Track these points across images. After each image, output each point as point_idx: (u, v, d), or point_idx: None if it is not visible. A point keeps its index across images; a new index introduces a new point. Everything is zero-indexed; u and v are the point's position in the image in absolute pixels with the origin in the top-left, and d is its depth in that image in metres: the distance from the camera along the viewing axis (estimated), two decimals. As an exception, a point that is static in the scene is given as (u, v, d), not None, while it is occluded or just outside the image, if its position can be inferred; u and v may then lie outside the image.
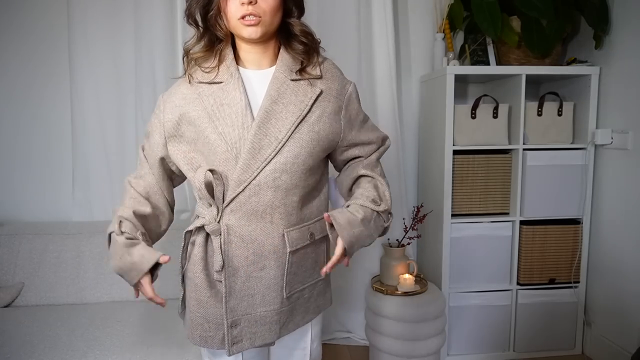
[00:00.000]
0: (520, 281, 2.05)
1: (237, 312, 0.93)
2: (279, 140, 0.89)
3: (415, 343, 1.80)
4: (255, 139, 0.88)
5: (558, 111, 2.02)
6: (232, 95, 0.91)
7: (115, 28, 2.01)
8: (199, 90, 0.93)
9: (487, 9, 1.88)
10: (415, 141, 2.32)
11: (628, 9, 1.86)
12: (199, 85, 0.94)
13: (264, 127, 0.89)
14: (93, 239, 1.90)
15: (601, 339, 2.03)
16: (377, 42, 2.11)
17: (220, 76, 0.93)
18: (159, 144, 0.98)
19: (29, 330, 1.55)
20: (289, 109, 0.90)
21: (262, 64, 0.96)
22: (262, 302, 0.94)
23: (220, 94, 0.92)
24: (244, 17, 0.87)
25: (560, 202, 2.02)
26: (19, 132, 2.09)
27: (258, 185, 0.89)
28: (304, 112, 0.91)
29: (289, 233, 0.93)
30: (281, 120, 0.89)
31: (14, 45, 2.05)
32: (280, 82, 0.92)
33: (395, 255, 1.94)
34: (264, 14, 0.88)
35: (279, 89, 0.91)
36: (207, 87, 0.93)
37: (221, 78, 0.93)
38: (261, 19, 0.88)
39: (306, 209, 0.97)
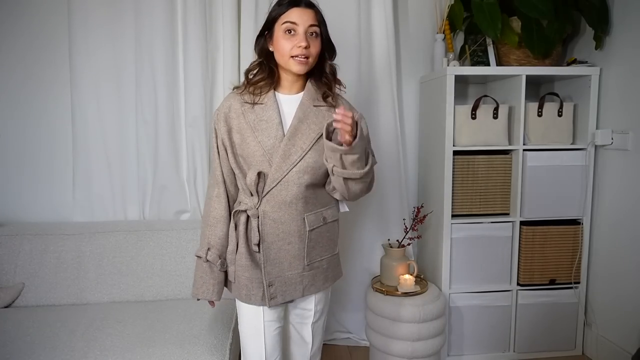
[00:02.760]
0: (520, 282, 2.05)
1: (272, 275, 1.22)
2: (304, 150, 1.19)
3: (416, 343, 1.80)
4: (286, 148, 1.18)
5: (558, 112, 2.02)
6: (269, 114, 1.21)
7: (115, 29, 2.01)
8: (243, 108, 1.23)
9: (487, 10, 1.88)
10: (416, 142, 2.32)
11: (628, 9, 1.86)
12: (244, 104, 1.23)
13: (292, 140, 1.19)
14: (93, 240, 1.90)
15: (601, 340, 2.03)
16: (377, 43, 2.11)
17: (262, 99, 1.23)
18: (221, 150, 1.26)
19: (29, 331, 1.55)
20: (312, 128, 1.21)
21: (292, 90, 1.26)
22: (289, 267, 1.24)
23: (261, 112, 1.22)
24: (296, 56, 1.16)
25: (560, 203, 2.02)
26: (20, 132, 2.09)
27: (287, 182, 1.19)
28: (322, 131, 1.16)
29: (308, 217, 1.23)
30: (305, 135, 1.20)
31: (14, 46, 2.05)
32: (306, 107, 1.23)
33: (395, 256, 1.94)
34: (311, 56, 1.18)
35: (305, 111, 1.22)
36: (251, 106, 1.23)
37: (262, 101, 1.23)
38: (308, 60, 1.18)
39: (320, 198, 1.27)
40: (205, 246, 1.25)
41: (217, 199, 1.26)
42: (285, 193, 1.19)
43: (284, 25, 1.17)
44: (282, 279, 1.24)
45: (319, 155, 1.20)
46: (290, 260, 1.24)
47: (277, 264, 1.23)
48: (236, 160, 1.24)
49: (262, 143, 1.19)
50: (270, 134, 1.19)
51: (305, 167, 1.19)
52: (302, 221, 1.22)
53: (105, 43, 2.02)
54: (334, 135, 1.16)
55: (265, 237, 1.21)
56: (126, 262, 1.87)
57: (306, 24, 1.17)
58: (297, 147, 1.19)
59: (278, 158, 1.18)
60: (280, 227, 1.21)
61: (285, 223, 1.21)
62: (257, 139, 1.20)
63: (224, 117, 1.24)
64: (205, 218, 1.28)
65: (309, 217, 1.23)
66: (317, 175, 1.22)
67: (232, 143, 1.24)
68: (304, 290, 1.27)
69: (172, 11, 2.00)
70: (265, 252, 1.22)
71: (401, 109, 2.24)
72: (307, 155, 1.19)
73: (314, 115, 1.22)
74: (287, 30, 1.17)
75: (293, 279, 1.25)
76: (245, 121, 1.21)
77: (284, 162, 1.18)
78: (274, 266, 1.23)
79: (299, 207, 1.21)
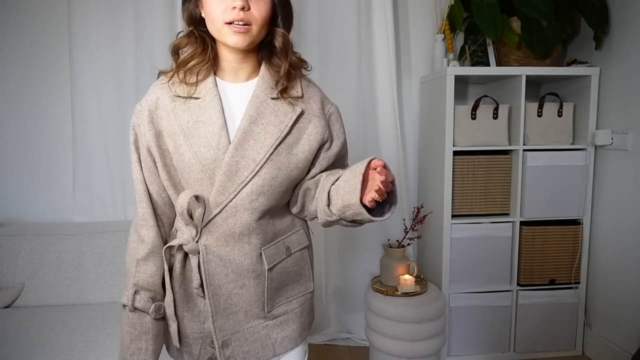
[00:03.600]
0: (520, 282, 2.05)
1: (225, 331, 0.92)
2: (257, 163, 0.86)
3: (416, 344, 1.80)
4: (232, 161, 0.85)
5: (558, 112, 2.02)
6: (208, 112, 0.87)
7: (115, 30, 2.02)
8: (174, 104, 0.88)
9: (487, 10, 1.88)
10: (416, 142, 2.33)
11: (628, 10, 1.86)
12: (176, 98, 0.89)
13: (241, 149, 0.85)
14: (94, 240, 1.90)
15: (602, 340, 2.03)
16: (377, 43, 2.11)
17: (198, 91, 0.88)
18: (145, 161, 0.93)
19: (29, 331, 1.55)
20: (268, 130, 0.87)
21: (240, 76, 0.92)
22: (246, 317, 0.93)
23: (197, 111, 0.87)
24: (231, 23, 0.82)
25: (560, 203, 2.02)
26: (20, 133, 2.09)
27: (234, 208, 0.87)
28: (283, 134, 0.87)
29: (266, 251, 0.92)
30: (259, 142, 0.86)
31: (15, 47, 2.05)
32: (260, 101, 0.88)
33: (395, 256, 1.94)
34: (254, 22, 0.83)
35: (259, 108, 0.88)
36: (183, 102, 0.88)
37: (198, 93, 0.88)
38: (250, 27, 0.83)
39: (280, 223, 0.95)
40: (131, 289, 0.89)
41: (144, 223, 0.91)
42: (232, 222, 0.87)
43: None
44: (241, 335, 0.92)
45: (279, 170, 0.87)
46: (247, 309, 0.92)
47: (231, 315, 0.92)
48: (169, 174, 0.91)
49: (199, 154, 0.86)
50: (210, 142, 0.85)
51: (260, 186, 0.86)
52: (257, 257, 0.91)
53: (105, 44, 2.02)
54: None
55: (210, 279, 0.90)
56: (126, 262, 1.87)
57: None
58: (248, 158, 0.85)
59: (222, 175, 0.85)
60: (228, 266, 0.90)
61: (234, 261, 0.89)
62: (193, 149, 0.86)
63: (148, 116, 0.89)
64: (129, 252, 0.93)
65: (268, 250, 0.92)
66: (276, 196, 0.90)
67: (162, 151, 0.90)
68: (276, 348, 0.95)
69: (172, 12, 2.00)
70: (213, 300, 0.90)
71: (401, 109, 2.24)
72: (262, 171, 0.86)
73: (272, 112, 0.88)
74: None
75: (255, 333, 0.93)
76: (176, 123, 0.87)
77: (230, 180, 0.85)
78: (227, 319, 0.91)
79: (253, 239, 0.90)
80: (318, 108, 0.94)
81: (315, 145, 0.92)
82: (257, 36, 0.86)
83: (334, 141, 0.96)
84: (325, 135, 0.93)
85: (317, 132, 0.92)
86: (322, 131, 0.92)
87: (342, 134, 0.98)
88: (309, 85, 0.96)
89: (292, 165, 0.89)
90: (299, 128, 0.90)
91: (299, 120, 0.90)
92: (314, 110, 0.93)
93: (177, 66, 0.89)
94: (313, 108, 0.93)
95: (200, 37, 0.89)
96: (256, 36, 0.85)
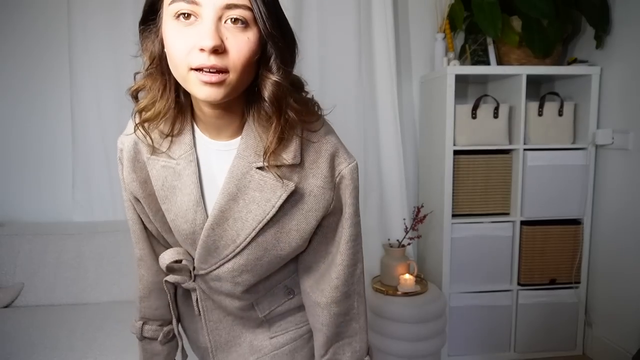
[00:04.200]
0: (520, 281, 2.05)
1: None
2: (237, 244, 0.71)
3: (416, 344, 1.79)
4: (209, 240, 0.72)
5: (559, 111, 2.01)
6: (183, 180, 0.72)
7: (115, 28, 2.01)
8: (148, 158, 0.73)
9: (488, 9, 1.87)
10: (416, 141, 2.32)
11: (629, 8, 1.86)
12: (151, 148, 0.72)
13: (219, 229, 0.71)
14: (93, 240, 1.90)
15: (602, 340, 2.03)
16: (377, 42, 2.11)
17: (173, 150, 0.71)
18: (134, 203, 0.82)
19: (29, 331, 1.55)
20: (250, 209, 0.69)
21: (222, 134, 0.71)
22: (251, 349, 0.85)
23: (172, 173, 0.72)
24: (199, 69, 0.58)
25: (560, 203, 2.02)
26: (20, 132, 2.09)
27: (218, 276, 0.77)
28: (269, 215, 0.69)
29: (260, 304, 0.83)
30: (240, 222, 0.70)
31: (15, 49, 2.05)
32: (242, 173, 0.68)
33: (395, 256, 1.94)
34: (233, 69, 0.60)
35: (239, 182, 0.69)
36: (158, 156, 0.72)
37: (173, 152, 0.71)
38: (227, 75, 0.60)
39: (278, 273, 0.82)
40: (139, 321, 0.88)
41: (142, 263, 0.85)
42: (219, 285, 0.78)
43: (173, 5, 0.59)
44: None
45: (266, 250, 0.73)
46: (250, 339, 0.86)
47: (234, 348, 0.86)
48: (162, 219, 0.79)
49: (176, 224, 0.75)
50: (186, 215, 0.72)
51: (242, 265, 0.74)
52: (250, 308, 0.83)
53: (105, 44, 2.01)
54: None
55: (208, 315, 0.84)
56: (126, 262, 1.87)
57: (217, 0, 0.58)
58: (227, 239, 0.72)
59: (200, 249, 0.74)
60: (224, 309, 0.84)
61: (228, 308, 0.83)
62: (170, 215, 0.75)
63: (129, 165, 0.76)
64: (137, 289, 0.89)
65: (262, 302, 0.82)
66: (264, 272, 0.77)
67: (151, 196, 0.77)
68: None
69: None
70: (213, 335, 0.86)
71: (401, 109, 2.24)
72: (244, 252, 0.72)
73: (256, 187, 0.69)
74: (181, 14, 0.59)
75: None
76: (154, 182, 0.74)
77: (210, 255, 0.75)
78: (229, 352, 0.86)
79: (244, 297, 0.80)
80: (324, 175, 0.71)
81: (314, 222, 0.73)
82: (238, 86, 0.62)
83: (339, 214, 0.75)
84: (329, 208, 0.73)
85: (317, 208, 0.72)
86: (325, 205, 0.72)
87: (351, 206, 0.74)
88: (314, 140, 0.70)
89: (282, 244, 0.73)
90: (294, 203, 0.71)
91: (292, 196, 0.70)
92: (317, 180, 0.71)
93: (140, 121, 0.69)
94: (316, 175, 0.70)
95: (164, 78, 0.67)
96: (236, 86, 0.62)
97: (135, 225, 0.83)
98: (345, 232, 0.75)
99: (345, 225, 0.74)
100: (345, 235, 0.75)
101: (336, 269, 0.76)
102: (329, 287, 0.77)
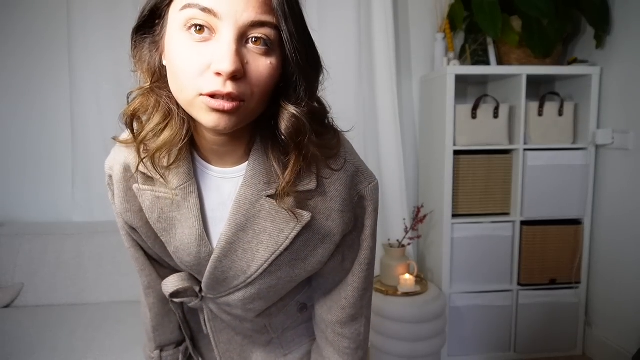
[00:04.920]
0: (521, 282, 2.04)
1: None
2: (248, 276, 0.66)
3: (416, 344, 1.79)
4: (216, 272, 0.67)
5: (559, 111, 2.01)
6: (183, 212, 0.64)
7: (115, 31, 2.01)
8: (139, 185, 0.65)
9: (488, 9, 1.87)
10: (416, 142, 2.32)
11: (629, 8, 1.86)
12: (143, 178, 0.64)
13: (226, 261, 0.65)
14: (93, 240, 1.90)
15: (602, 340, 2.03)
16: (377, 42, 2.11)
17: (170, 179, 0.62)
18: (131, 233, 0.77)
19: (28, 331, 1.55)
20: (262, 240, 0.63)
21: (226, 161, 0.63)
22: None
23: (169, 205, 0.64)
24: (211, 95, 0.50)
25: (561, 203, 2.02)
26: (19, 132, 2.09)
27: (227, 304, 0.73)
28: (282, 247, 0.63)
29: (272, 324, 0.79)
30: (250, 253, 0.64)
31: (14, 48, 2.05)
32: (250, 203, 0.62)
33: (395, 256, 1.94)
34: (250, 98, 0.52)
35: (248, 212, 0.62)
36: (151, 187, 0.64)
37: (171, 181, 0.62)
38: (242, 104, 0.52)
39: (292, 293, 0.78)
40: (156, 351, 0.83)
41: (150, 291, 0.80)
42: (229, 309, 0.75)
43: (185, 11, 0.50)
44: None
45: (279, 278, 0.68)
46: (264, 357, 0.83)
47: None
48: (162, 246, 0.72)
49: (178, 256, 0.68)
50: (189, 249, 0.66)
51: (254, 294, 0.69)
52: (263, 328, 0.80)
53: (104, 44, 2.01)
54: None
55: (218, 335, 0.81)
56: (126, 262, 1.87)
57: (242, 14, 0.49)
58: (237, 270, 0.67)
59: (207, 280, 0.69)
60: (234, 329, 0.82)
61: (237, 328, 0.80)
62: (171, 247, 0.68)
63: (123, 193, 0.69)
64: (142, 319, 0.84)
65: (274, 322, 0.79)
66: (278, 297, 0.74)
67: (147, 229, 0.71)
68: None
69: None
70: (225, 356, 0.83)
71: (401, 109, 2.24)
72: (256, 282, 0.67)
73: (267, 216, 0.63)
74: (194, 25, 0.50)
75: None
76: (147, 214, 0.67)
77: (219, 284, 0.70)
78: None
79: (256, 320, 0.78)
80: (342, 198, 0.64)
81: (333, 247, 0.68)
82: (251, 115, 0.55)
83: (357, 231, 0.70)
84: (348, 229, 0.68)
85: (337, 232, 0.66)
86: (344, 229, 0.67)
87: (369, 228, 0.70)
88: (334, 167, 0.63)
89: (298, 270, 0.68)
90: (312, 231, 0.64)
91: (309, 225, 0.63)
92: (336, 203, 0.64)
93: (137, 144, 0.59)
94: (334, 199, 0.64)
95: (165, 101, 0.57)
96: (249, 116, 0.55)
97: (136, 253, 0.77)
98: (361, 254, 0.71)
99: (363, 246, 0.70)
100: (361, 257, 0.71)
101: (346, 289, 0.72)
102: (336, 307, 0.74)
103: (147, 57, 0.57)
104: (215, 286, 0.70)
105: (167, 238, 0.67)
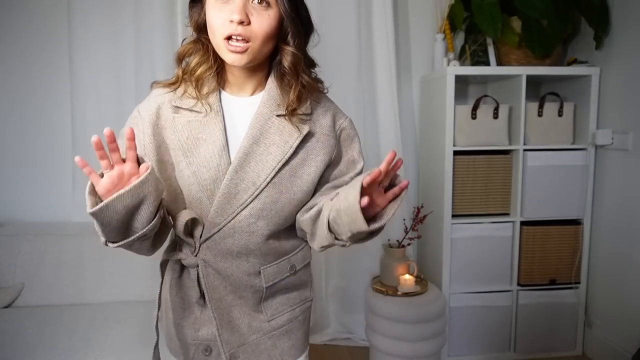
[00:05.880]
0: (520, 282, 2.05)
1: (232, 344, 0.89)
2: (257, 186, 0.81)
3: (416, 344, 1.79)
4: (231, 184, 0.81)
5: (558, 112, 2.01)
6: (210, 130, 0.82)
7: (115, 28, 2.01)
8: (175, 116, 0.83)
9: (488, 10, 1.88)
10: (416, 142, 2.32)
11: (628, 9, 1.86)
12: (178, 110, 0.83)
13: (241, 171, 0.81)
14: (93, 240, 1.87)
15: (602, 340, 2.03)
16: (377, 42, 2.11)
17: (201, 105, 0.83)
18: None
19: (29, 331, 1.55)
20: (271, 151, 0.82)
21: (245, 90, 0.86)
22: (250, 330, 0.91)
23: (198, 127, 0.82)
24: (229, 39, 0.76)
25: (560, 203, 2.02)
26: (20, 132, 2.09)
27: (232, 229, 0.84)
28: (287, 155, 0.82)
29: (265, 270, 0.89)
30: (261, 163, 0.81)
31: (14, 45, 2.05)
32: (265, 119, 0.82)
33: (395, 256, 1.94)
34: (254, 39, 0.77)
35: (262, 127, 0.82)
36: (185, 115, 0.83)
37: (201, 108, 0.83)
38: (249, 45, 0.77)
39: (287, 243, 0.91)
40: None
41: None
42: (230, 242, 0.85)
43: None
44: (248, 347, 0.91)
45: (281, 194, 0.83)
46: (249, 321, 0.91)
47: (236, 329, 0.90)
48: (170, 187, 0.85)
49: (197, 174, 0.81)
50: (209, 163, 0.81)
51: (259, 209, 0.83)
52: (256, 274, 0.88)
53: (105, 42, 2.02)
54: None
55: (211, 292, 0.88)
56: (126, 262, 1.87)
57: None
58: (248, 181, 0.81)
59: (220, 197, 0.81)
60: (227, 279, 0.88)
61: (232, 276, 0.88)
62: (191, 168, 0.81)
63: (150, 128, 0.83)
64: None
65: (268, 270, 0.89)
66: (277, 220, 0.86)
67: (162, 163, 0.85)
68: (283, 357, 0.93)
69: (171, 9, 2.00)
70: (217, 313, 0.88)
71: (401, 109, 2.24)
72: (262, 194, 0.82)
73: (276, 130, 0.83)
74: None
75: (262, 344, 0.92)
76: (176, 137, 0.82)
77: (229, 203, 0.82)
78: (232, 332, 0.89)
79: (252, 259, 0.87)
80: (328, 125, 0.88)
81: (321, 166, 0.87)
82: (259, 53, 0.79)
83: (342, 160, 0.90)
84: (332, 155, 0.88)
85: (324, 152, 0.86)
86: (329, 151, 0.87)
87: (353, 150, 0.91)
88: (320, 101, 0.90)
89: (295, 188, 0.85)
90: (306, 148, 0.85)
91: (305, 141, 0.84)
92: (324, 129, 0.87)
93: (190, 76, 0.83)
94: (323, 125, 0.87)
95: (206, 45, 0.83)
96: (257, 54, 0.79)
97: None
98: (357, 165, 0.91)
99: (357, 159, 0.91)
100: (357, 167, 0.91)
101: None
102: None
103: (196, 16, 0.84)
104: (225, 206, 0.82)
105: (191, 158, 0.81)
